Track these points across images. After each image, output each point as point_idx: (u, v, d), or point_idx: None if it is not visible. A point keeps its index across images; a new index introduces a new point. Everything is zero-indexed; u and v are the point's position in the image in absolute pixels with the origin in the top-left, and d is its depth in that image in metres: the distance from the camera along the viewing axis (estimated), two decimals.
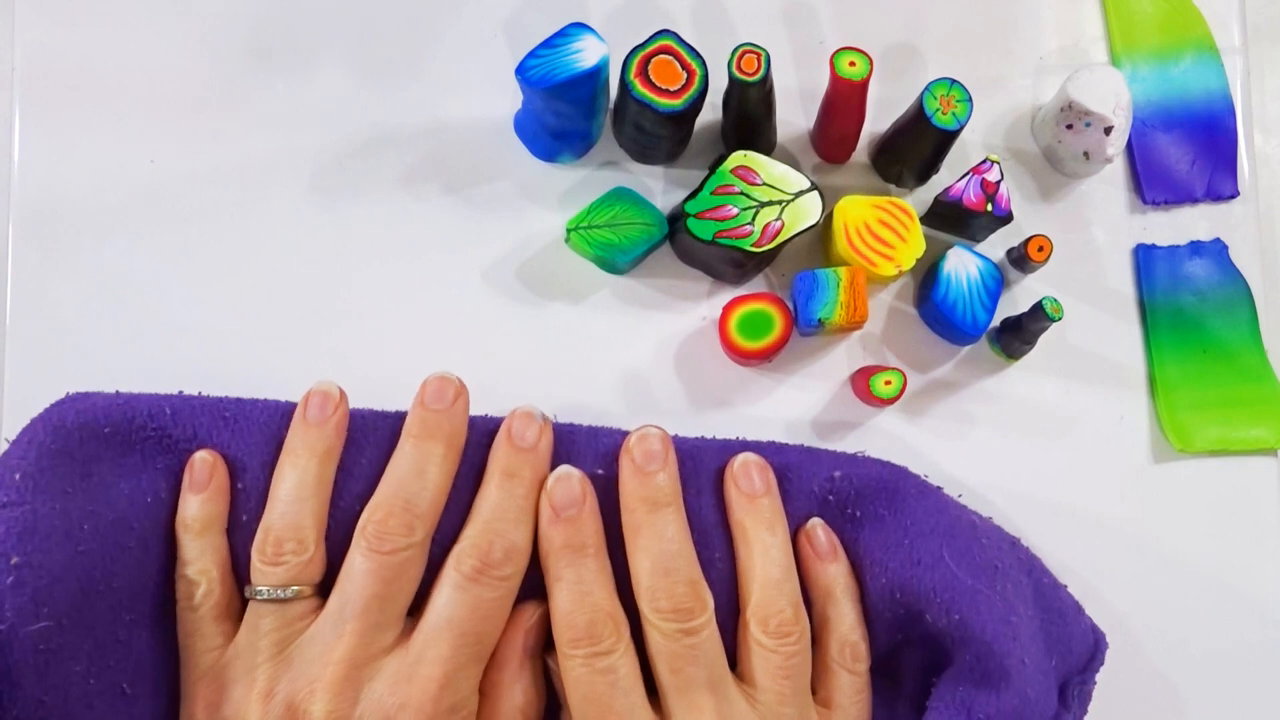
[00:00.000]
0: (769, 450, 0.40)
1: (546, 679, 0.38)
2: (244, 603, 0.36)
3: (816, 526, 0.39)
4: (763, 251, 0.40)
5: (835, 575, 0.38)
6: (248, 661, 0.35)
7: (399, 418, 0.38)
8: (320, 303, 0.43)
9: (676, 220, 0.42)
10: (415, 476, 0.36)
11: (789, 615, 0.36)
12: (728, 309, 0.42)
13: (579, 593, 0.35)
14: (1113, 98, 0.42)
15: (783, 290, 0.44)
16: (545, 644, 0.37)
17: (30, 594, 0.32)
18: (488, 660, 0.35)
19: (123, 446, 0.37)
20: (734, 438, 0.41)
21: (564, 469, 0.37)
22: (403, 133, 0.44)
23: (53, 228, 0.43)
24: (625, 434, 0.39)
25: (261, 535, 0.35)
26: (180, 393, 0.39)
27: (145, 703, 0.35)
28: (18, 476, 0.34)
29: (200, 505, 0.36)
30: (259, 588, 0.35)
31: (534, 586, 0.37)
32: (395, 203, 0.44)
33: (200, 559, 0.36)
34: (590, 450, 0.38)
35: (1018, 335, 0.42)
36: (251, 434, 0.38)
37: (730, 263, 0.42)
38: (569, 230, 0.41)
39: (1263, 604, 0.44)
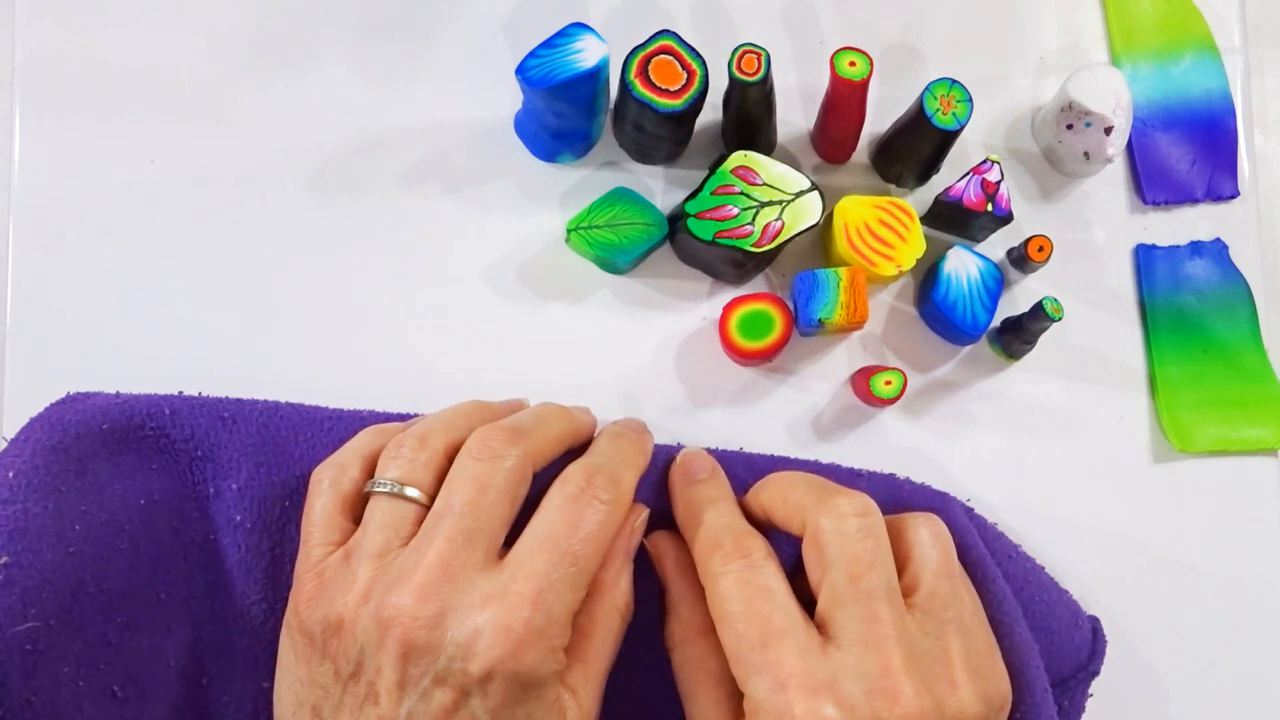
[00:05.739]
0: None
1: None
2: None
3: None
4: (763, 251, 0.40)
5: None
6: (354, 559, 0.34)
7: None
8: (320, 303, 0.43)
9: (677, 220, 0.42)
10: (532, 415, 0.37)
11: None
12: (728, 309, 0.42)
13: (721, 523, 0.36)
14: (1113, 98, 0.42)
15: (783, 290, 0.44)
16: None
17: (19, 594, 0.32)
18: (585, 591, 0.33)
19: (119, 445, 0.37)
20: (737, 447, 0.41)
21: (692, 450, 0.39)
22: (403, 133, 0.44)
23: (53, 228, 0.43)
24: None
25: (394, 442, 0.35)
26: (180, 393, 0.39)
27: (135, 705, 0.34)
28: (11, 475, 0.34)
29: None
30: (377, 479, 0.35)
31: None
32: (395, 203, 0.44)
33: (343, 452, 0.36)
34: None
35: (1018, 335, 0.42)
36: (249, 435, 0.38)
37: (730, 263, 0.42)
38: (569, 230, 0.41)
39: (1262, 604, 0.44)
